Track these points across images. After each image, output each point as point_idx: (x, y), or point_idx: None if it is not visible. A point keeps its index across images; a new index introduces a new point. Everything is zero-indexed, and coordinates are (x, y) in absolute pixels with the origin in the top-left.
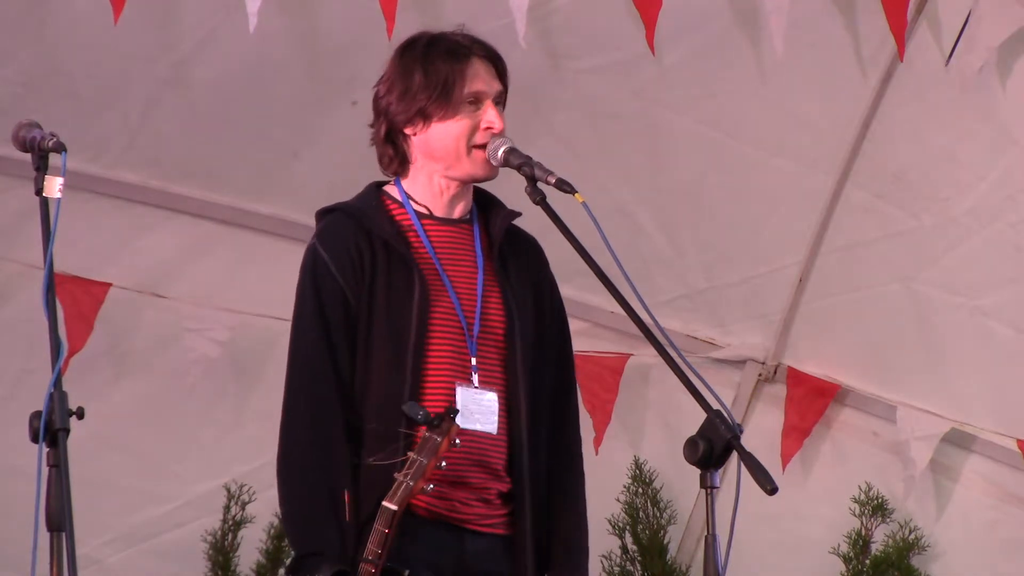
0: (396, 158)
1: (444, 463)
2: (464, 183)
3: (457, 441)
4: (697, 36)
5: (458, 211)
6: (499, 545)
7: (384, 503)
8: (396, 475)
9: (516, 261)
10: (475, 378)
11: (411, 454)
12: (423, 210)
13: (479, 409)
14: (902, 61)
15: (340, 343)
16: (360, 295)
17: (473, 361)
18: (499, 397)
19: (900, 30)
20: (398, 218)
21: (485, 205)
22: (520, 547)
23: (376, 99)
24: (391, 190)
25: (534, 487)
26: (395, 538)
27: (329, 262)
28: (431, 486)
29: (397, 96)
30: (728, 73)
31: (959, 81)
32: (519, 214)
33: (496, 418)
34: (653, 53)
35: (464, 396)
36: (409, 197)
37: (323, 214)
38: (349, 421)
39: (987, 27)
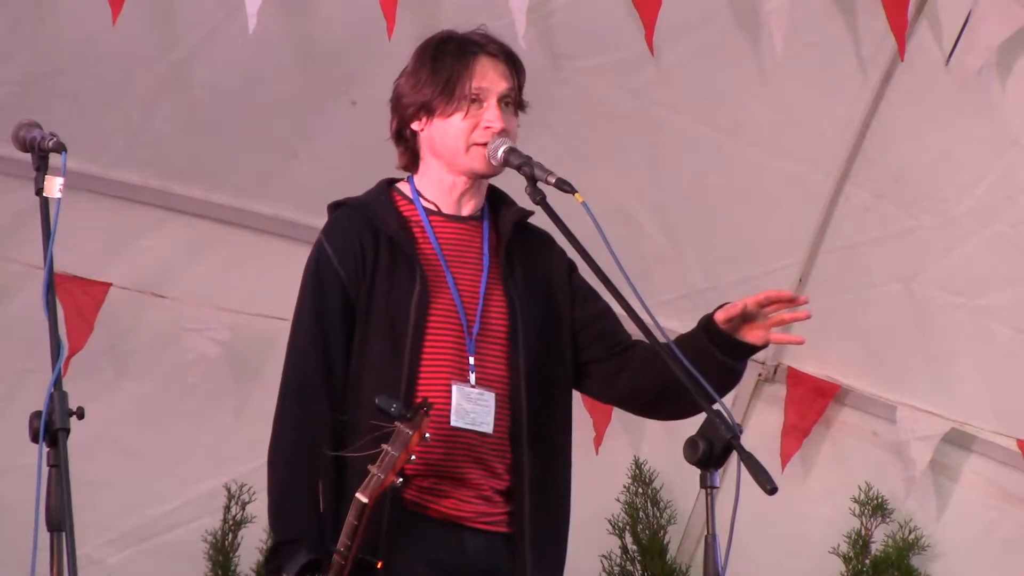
0: (407, 153)
1: (414, 456)
2: (469, 179)
3: (427, 435)
4: (697, 36)
5: (467, 209)
6: (499, 543)
7: (357, 495)
8: (370, 467)
9: (525, 259)
10: (472, 377)
11: (384, 446)
12: (432, 207)
13: (475, 408)
14: (902, 61)
15: (334, 336)
16: (361, 289)
17: (471, 360)
18: (500, 397)
19: (900, 30)
20: (406, 213)
21: (497, 203)
22: (520, 546)
23: (392, 94)
24: (403, 187)
25: (534, 487)
26: (390, 535)
27: (332, 255)
28: (400, 479)
29: (407, 91)
30: (728, 73)
31: (959, 81)
32: (531, 213)
33: (492, 418)
34: (652, 53)
35: (459, 395)
36: (419, 194)
37: (333, 208)
38: (340, 414)
39: (987, 27)
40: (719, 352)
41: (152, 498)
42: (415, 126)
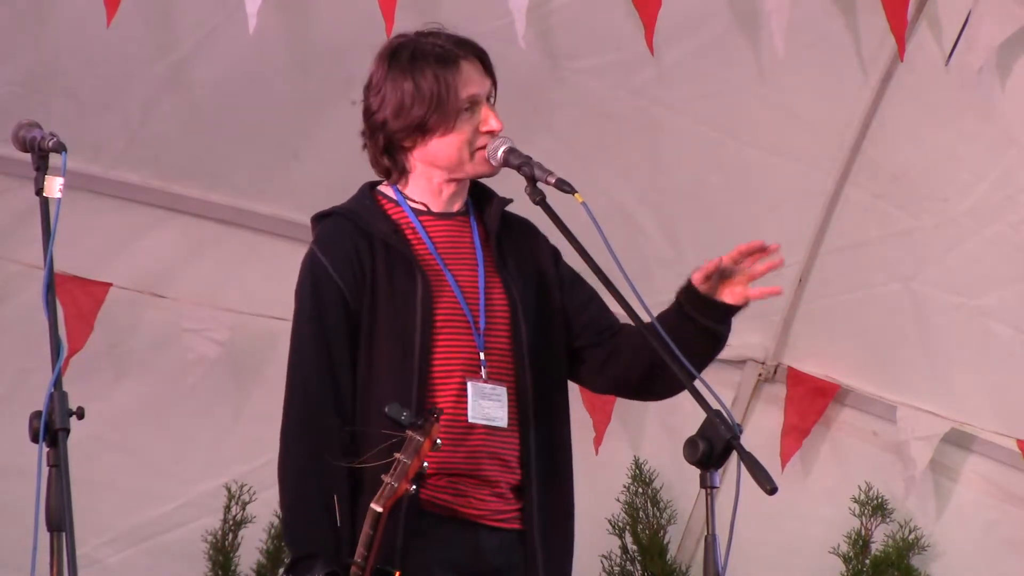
0: (395, 169)
1: (427, 464)
2: (460, 182)
3: (439, 442)
4: (697, 36)
5: (456, 205)
6: (513, 540)
7: (372, 505)
8: (383, 476)
9: (513, 248)
10: (484, 372)
11: (397, 455)
12: (420, 207)
13: (489, 403)
14: (902, 61)
15: (337, 347)
16: (361, 298)
17: (481, 356)
18: (509, 389)
19: (900, 30)
20: (394, 216)
21: (479, 197)
22: (531, 543)
23: (369, 113)
24: (386, 190)
25: (541, 478)
26: (406, 538)
27: (328, 265)
28: (414, 487)
29: (392, 113)
30: (728, 73)
31: (959, 81)
32: (511, 200)
33: (506, 411)
34: (652, 53)
35: (474, 391)
36: (405, 197)
37: (319, 219)
38: (349, 426)
39: (987, 27)
40: (700, 316)
41: (152, 498)
42: (407, 144)
